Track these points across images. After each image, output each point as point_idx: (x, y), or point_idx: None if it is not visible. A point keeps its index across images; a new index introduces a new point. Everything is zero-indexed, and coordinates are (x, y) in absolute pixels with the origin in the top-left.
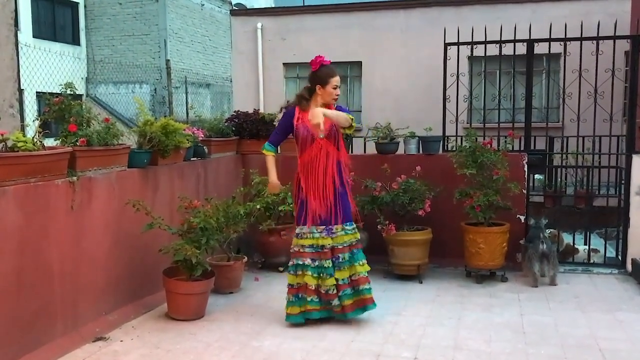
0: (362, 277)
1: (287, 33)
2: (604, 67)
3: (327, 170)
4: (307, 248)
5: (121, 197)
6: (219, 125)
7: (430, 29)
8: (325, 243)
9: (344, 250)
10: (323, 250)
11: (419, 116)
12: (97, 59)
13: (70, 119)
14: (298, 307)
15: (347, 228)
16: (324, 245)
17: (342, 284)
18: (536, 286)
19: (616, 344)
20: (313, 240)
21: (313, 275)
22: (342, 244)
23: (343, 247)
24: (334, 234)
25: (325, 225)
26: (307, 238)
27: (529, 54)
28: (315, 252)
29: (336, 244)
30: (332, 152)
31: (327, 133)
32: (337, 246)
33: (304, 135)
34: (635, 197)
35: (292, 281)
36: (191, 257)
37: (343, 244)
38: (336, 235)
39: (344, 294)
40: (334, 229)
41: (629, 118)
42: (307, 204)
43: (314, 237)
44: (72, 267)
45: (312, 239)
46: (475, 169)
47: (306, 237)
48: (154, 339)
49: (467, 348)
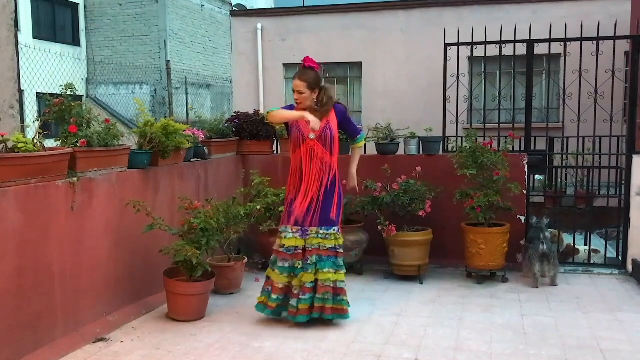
0: (328, 287)
1: (287, 34)
2: (604, 67)
3: (312, 172)
4: (282, 248)
5: (122, 198)
6: (219, 126)
7: (431, 29)
8: (297, 244)
9: (312, 252)
10: (295, 252)
11: (419, 117)
12: (97, 59)
13: (70, 120)
14: (265, 297)
15: (321, 232)
16: (296, 246)
17: (305, 287)
18: (537, 287)
19: (617, 345)
20: (287, 241)
21: (283, 274)
22: (311, 246)
23: (311, 249)
24: (307, 236)
25: (301, 226)
26: (283, 237)
27: (529, 54)
28: (287, 253)
29: (308, 245)
30: (321, 154)
31: (318, 135)
32: (308, 247)
33: (295, 135)
34: (636, 198)
35: (267, 274)
36: (192, 258)
37: (313, 246)
38: (308, 237)
39: (303, 297)
40: (309, 231)
41: (630, 118)
42: (290, 203)
43: (288, 237)
44: (72, 268)
45: (287, 239)
46: (475, 169)
47: (283, 237)
48: (154, 340)
49: (468, 349)
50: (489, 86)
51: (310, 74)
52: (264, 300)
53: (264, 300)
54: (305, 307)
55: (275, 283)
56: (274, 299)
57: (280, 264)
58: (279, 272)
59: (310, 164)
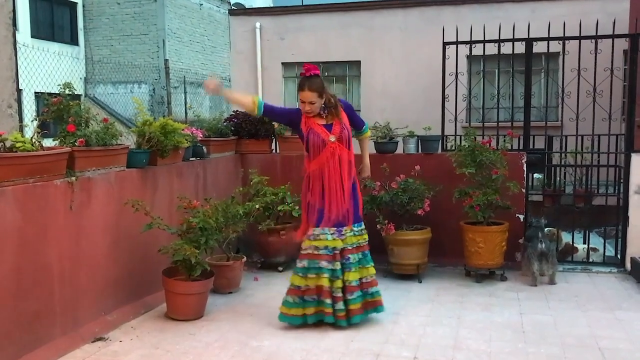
0: (373, 280)
1: (286, 33)
2: (602, 66)
3: (343, 174)
4: (321, 250)
5: (120, 197)
6: (217, 125)
7: (429, 28)
8: (337, 245)
9: (352, 252)
10: (334, 253)
11: (418, 115)
12: (95, 59)
13: (68, 119)
14: (301, 309)
15: (355, 229)
16: (335, 247)
17: (351, 286)
18: (535, 285)
19: (616, 343)
20: (327, 242)
21: (330, 278)
22: (351, 245)
23: (352, 249)
24: (343, 236)
25: (337, 227)
26: (321, 240)
27: (527, 53)
28: (329, 255)
29: (345, 245)
30: (344, 154)
31: (338, 136)
32: (347, 247)
33: (315, 141)
34: (634, 196)
35: (299, 283)
36: (190, 257)
37: (352, 245)
38: (345, 237)
39: (352, 297)
40: (343, 231)
41: (628, 117)
42: (323, 206)
43: (327, 239)
44: (71, 268)
45: (326, 241)
46: (474, 168)
47: (320, 239)
48: (153, 339)
49: (467, 348)
50: (488, 85)
51: (317, 81)
52: (302, 312)
53: (302, 311)
54: (357, 306)
55: (324, 288)
56: (328, 304)
57: (325, 265)
58: (327, 276)
59: (338, 166)
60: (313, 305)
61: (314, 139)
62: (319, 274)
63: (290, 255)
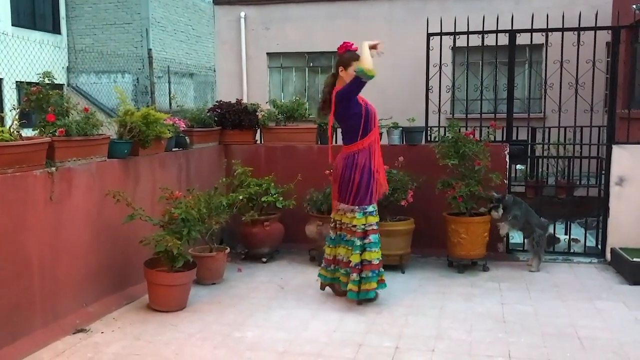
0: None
1: (271, 22)
2: (585, 58)
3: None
4: (377, 225)
5: (101, 188)
6: (201, 115)
7: (414, 19)
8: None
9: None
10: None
11: (403, 107)
12: (78, 48)
13: (48, 109)
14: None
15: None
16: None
17: (373, 264)
18: (539, 270)
19: (595, 332)
20: (374, 218)
21: (378, 250)
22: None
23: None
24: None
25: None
26: (375, 215)
27: (511, 44)
28: (377, 229)
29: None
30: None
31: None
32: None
33: (374, 113)
34: (615, 187)
35: (378, 256)
36: (172, 249)
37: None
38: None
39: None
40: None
41: (610, 109)
42: (376, 182)
43: (375, 215)
44: (51, 259)
45: (376, 217)
46: (457, 159)
47: (375, 215)
48: (135, 331)
49: (449, 337)
50: (472, 76)
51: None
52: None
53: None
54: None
55: (380, 260)
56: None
57: (377, 239)
58: (375, 249)
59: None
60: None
61: (373, 111)
62: (372, 249)
63: (275, 247)
